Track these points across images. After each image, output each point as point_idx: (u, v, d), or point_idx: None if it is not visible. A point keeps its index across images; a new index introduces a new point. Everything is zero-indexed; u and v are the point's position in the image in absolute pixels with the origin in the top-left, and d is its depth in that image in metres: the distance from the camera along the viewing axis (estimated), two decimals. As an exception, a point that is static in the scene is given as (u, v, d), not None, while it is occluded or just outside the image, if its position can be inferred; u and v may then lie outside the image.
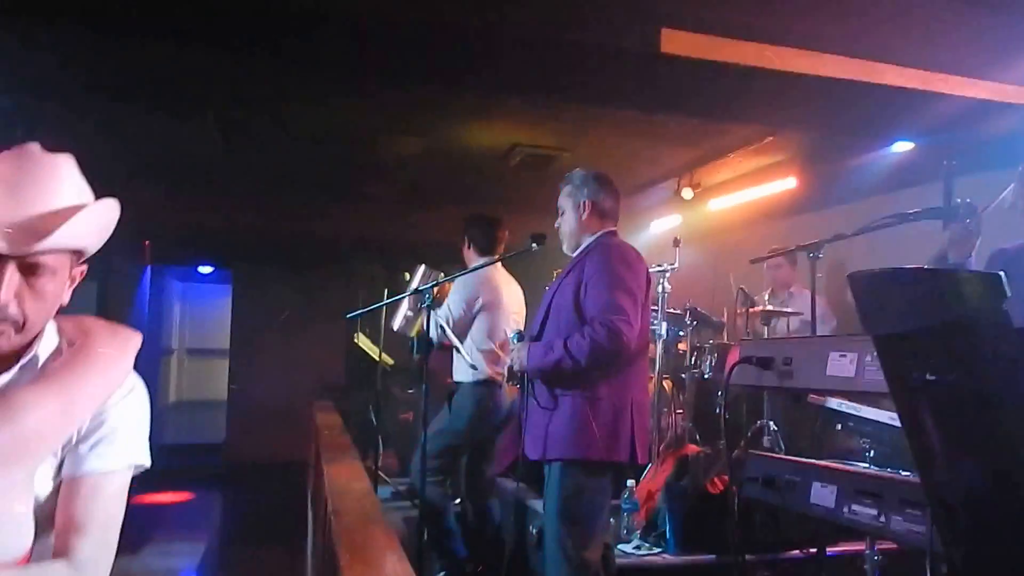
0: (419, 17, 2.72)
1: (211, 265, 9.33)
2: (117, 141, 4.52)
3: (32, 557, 1.00)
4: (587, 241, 2.62)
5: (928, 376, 1.12)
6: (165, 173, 5.28)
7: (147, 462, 1.13)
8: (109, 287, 7.31)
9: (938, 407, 1.15)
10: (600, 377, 2.41)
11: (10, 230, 0.96)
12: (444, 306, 3.46)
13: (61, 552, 1.01)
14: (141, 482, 1.17)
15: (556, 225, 2.72)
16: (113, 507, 1.07)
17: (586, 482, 2.42)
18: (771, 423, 3.38)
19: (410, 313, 3.63)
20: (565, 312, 2.50)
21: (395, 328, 3.76)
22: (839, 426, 2.84)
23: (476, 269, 3.45)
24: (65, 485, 1.04)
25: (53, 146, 1.10)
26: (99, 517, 1.04)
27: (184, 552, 5.36)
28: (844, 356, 1.70)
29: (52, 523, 1.03)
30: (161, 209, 6.13)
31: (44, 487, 1.04)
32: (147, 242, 3.31)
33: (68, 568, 0.99)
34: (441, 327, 3.36)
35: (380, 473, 4.22)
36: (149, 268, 9.39)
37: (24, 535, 0.98)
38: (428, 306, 3.05)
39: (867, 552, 1.97)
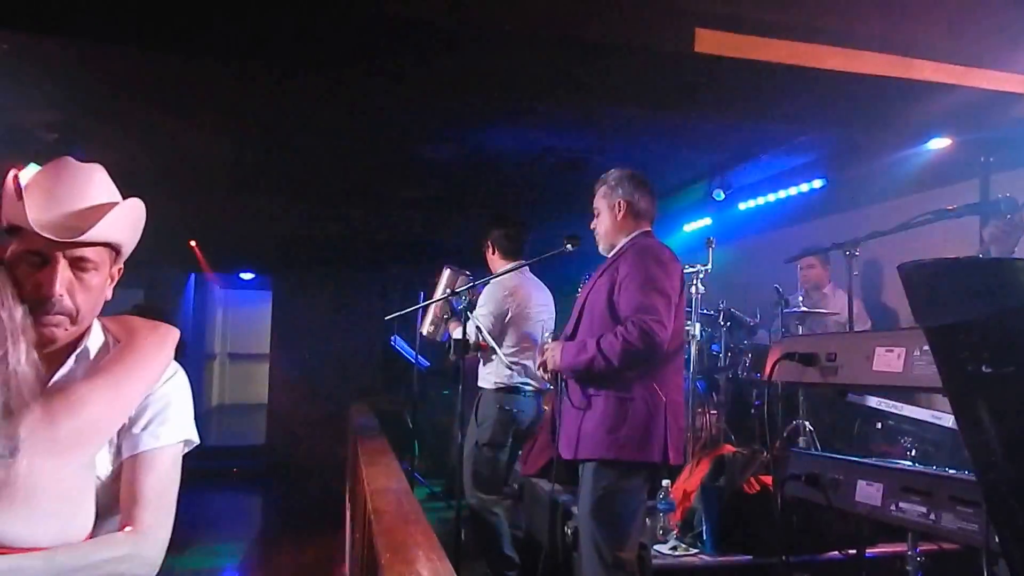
0: (452, 23, 2.76)
1: (252, 272, 9.52)
2: (162, 154, 4.67)
3: (95, 536, 1.11)
4: (622, 241, 2.61)
5: (985, 368, 1.10)
6: (207, 183, 5.41)
7: (195, 437, 1.25)
8: (155, 294, 7.52)
9: (996, 400, 1.12)
10: (633, 377, 2.40)
11: (56, 225, 1.09)
12: (475, 313, 3.45)
13: (125, 524, 1.12)
14: (188, 482, 1.24)
15: (592, 226, 2.72)
16: (167, 479, 1.18)
17: (619, 483, 2.41)
18: (807, 423, 3.35)
19: (438, 319, 3.62)
20: (599, 312, 2.49)
21: (424, 333, 3.77)
22: (879, 425, 2.80)
23: (504, 273, 3.43)
24: (124, 465, 1.16)
25: (101, 159, 1.22)
26: (155, 488, 1.15)
27: (227, 551, 5.47)
28: (891, 351, 1.67)
29: (114, 504, 1.14)
30: (204, 217, 6.31)
31: (104, 470, 1.14)
32: (193, 242, 3.39)
33: (130, 536, 1.10)
34: (478, 327, 3.38)
35: (416, 475, 4.26)
36: (193, 275, 9.64)
37: (87, 516, 1.09)
38: (464, 308, 3.07)
39: (909, 553, 1.91)
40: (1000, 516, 1.27)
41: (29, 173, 1.16)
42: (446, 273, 3.59)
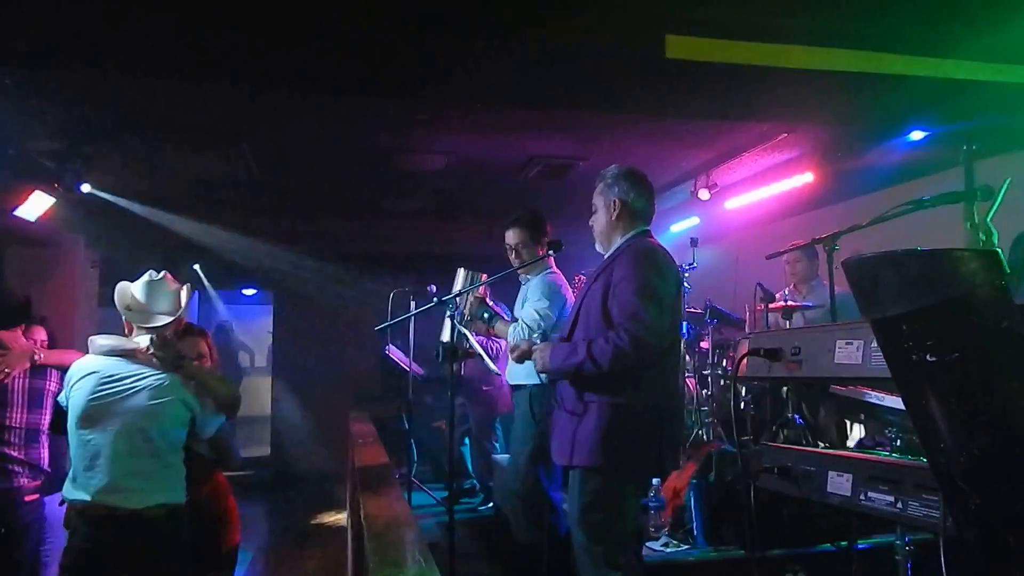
0: (437, 40, 2.83)
1: (254, 287, 9.65)
2: (165, 177, 4.80)
3: None
4: (619, 241, 2.53)
5: (929, 357, 1.12)
6: (207, 203, 5.55)
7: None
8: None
9: (941, 387, 1.14)
10: (628, 384, 2.33)
11: None
12: (530, 309, 3.14)
13: None
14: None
15: (590, 223, 2.64)
16: None
17: (608, 488, 2.34)
18: (796, 417, 3.37)
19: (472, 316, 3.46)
20: (594, 315, 2.42)
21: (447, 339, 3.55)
22: (863, 416, 2.82)
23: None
24: None
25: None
26: None
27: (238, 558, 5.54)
28: (851, 344, 1.70)
29: None
30: (206, 236, 6.49)
31: None
32: (196, 265, 3.48)
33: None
34: (464, 335, 3.37)
35: (413, 479, 4.30)
36: (197, 293, 9.77)
37: None
38: (451, 315, 3.09)
39: (898, 543, 1.91)
40: (952, 500, 1.29)
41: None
42: (461, 274, 3.43)
